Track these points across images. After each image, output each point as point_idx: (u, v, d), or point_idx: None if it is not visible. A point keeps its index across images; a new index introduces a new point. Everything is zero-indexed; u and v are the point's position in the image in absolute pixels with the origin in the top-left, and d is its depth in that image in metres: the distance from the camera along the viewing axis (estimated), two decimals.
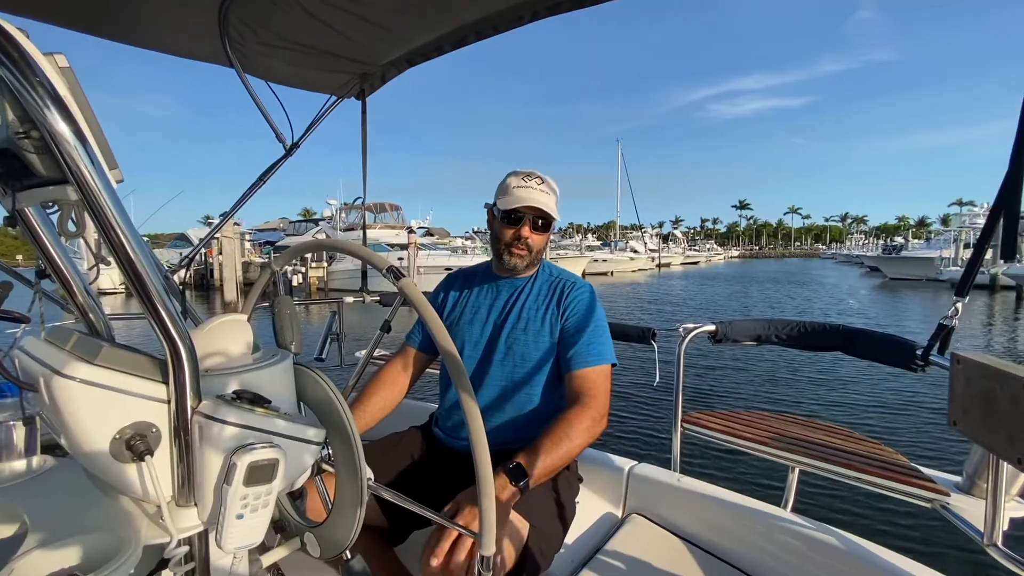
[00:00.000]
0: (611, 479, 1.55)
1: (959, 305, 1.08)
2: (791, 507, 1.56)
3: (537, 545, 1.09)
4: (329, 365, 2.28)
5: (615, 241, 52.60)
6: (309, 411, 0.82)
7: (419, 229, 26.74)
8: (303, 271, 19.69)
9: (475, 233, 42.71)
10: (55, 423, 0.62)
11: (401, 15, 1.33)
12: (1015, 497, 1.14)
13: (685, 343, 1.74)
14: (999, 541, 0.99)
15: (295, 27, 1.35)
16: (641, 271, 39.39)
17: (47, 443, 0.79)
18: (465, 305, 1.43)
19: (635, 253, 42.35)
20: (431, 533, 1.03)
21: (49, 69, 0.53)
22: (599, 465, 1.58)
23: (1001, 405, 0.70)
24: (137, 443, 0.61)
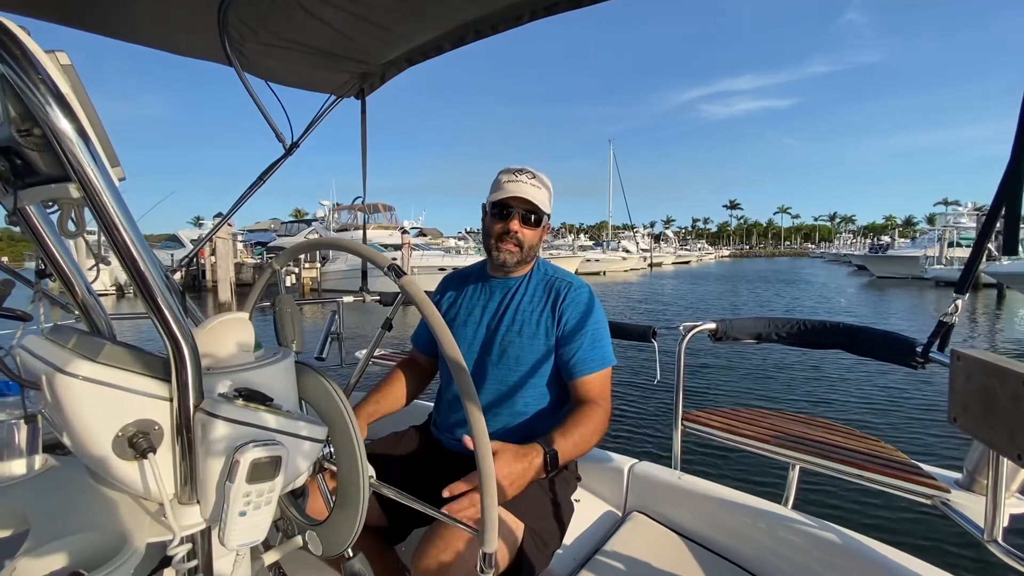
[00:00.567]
0: (612, 477, 1.55)
1: (959, 302, 1.08)
2: (792, 504, 1.56)
3: (534, 544, 1.09)
4: (329, 364, 2.29)
5: (607, 241, 52.65)
6: (311, 409, 0.82)
7: (412, 229, 26.75)
8: (296, 271, 19.65)
9: (468, 233, 42.70)
10: (57, 421, 0.62)
11: (401, 15, 1.33)
12: (1015, 493, 1.14)
13: (685, 341, 1.74)
14: (999, 537, 0.99)
15: (295, 26, 1.35)
16: (633, 271, 39.42)
17: (49, 442, 0.79)
18: (460, 307, 1.40)
19: (627, 253, 42.34)
20: (431, 529, 1.03)
21: (51, 67, 0.53)
22: (600, 463, 1.58)
23: (1001, 401, 0.70)
24: (139, 441, 0.61)
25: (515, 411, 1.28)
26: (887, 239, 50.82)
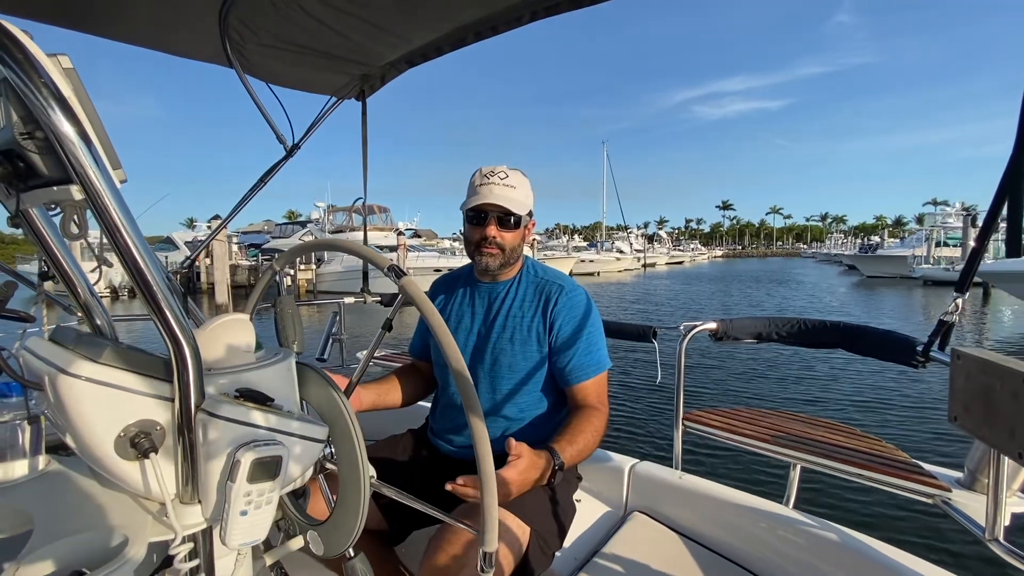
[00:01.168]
0: (612, 477, 1.55)
1: (959, 301, 1.08)
2: (793, 504, 1.56)
3: (538, 547, 1.09)
4: (330, 365, 2.29)
5: (601, 242, 52.93)
6: (311, 409, 0.82)
7: (407, 231, 26.74)
8: (291, 273, 19.65)
9: (462, 234, 42.80)
10: (60, 421, 0.63)
11: (401, 16, 1.34)
12: (1016, 492, 1.14)
13: (686, 341, 1.74)
14: (1001, 536, 0.99)
15: (295, 28, 1.35)
16: (627, 271, 39.52)
17: (52, 443, 0.80)
18: (450, 313, 1.37)
19: (621, 253, 42.49)
20: (434, 533, 1.03)
21: (53, 70, 0.53)
22: (600, 463, 1.58)
23: (1001, 400, 0.70)
24: (141, 441, 0.61)
25: (511, 418, 1.27)
26: (877, 239, 51.04)
